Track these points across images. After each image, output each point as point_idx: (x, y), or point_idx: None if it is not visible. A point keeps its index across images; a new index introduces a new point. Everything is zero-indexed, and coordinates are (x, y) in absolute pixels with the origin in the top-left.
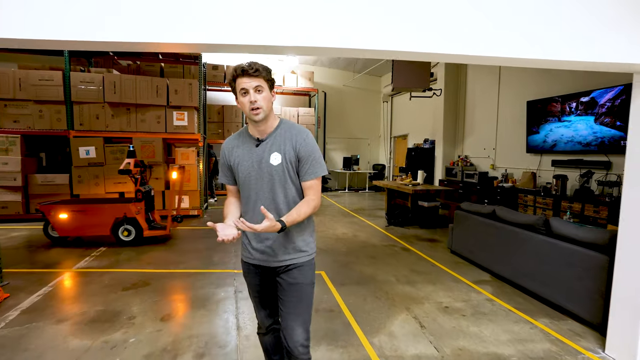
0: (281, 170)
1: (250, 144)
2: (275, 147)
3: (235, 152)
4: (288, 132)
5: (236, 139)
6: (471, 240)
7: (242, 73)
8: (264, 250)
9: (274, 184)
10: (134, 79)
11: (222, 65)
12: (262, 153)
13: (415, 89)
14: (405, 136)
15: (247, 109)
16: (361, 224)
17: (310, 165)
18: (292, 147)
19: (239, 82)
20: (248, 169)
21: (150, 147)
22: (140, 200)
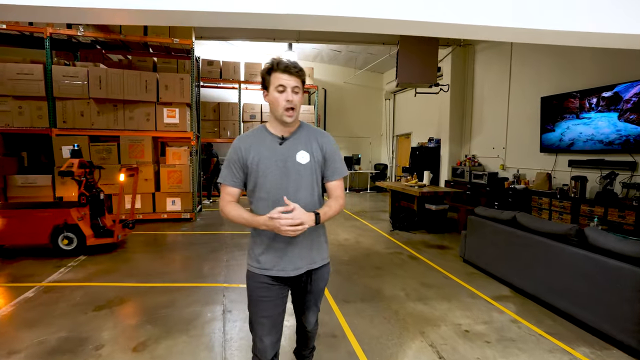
0: (309, 169)
1: (272, 142)
2: (301, 145)
3: (254, 150)
4: (312, 132)
5: (252, 137)
6: (487, 250)
7: (284, 69)
8: (288, 258)
9: (301, 183)
10: (121, 73)
11: (217, 61)
12: (287, 151)
13: (421, 85)
14: (409, 135)
15: (281, 107)
16: (364, 228)
17: (336, 166)
18: (319, 146)
19: (277, 76)
20: (271, 168)
21: (139, 147)
22: (85, 205)
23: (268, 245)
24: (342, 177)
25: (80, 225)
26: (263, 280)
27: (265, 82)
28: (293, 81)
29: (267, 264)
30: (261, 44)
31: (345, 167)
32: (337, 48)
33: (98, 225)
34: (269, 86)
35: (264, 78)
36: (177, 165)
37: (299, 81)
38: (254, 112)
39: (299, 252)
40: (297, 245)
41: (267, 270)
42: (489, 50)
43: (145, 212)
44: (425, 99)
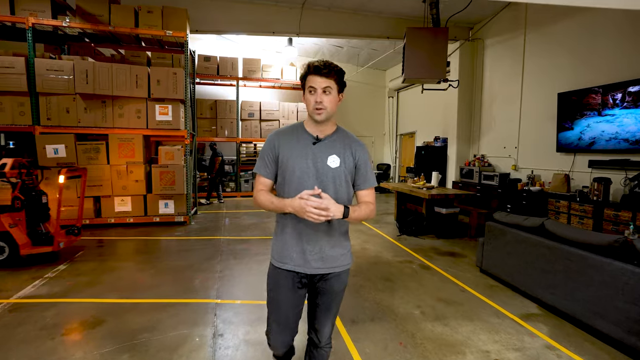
0: (338, 173)
1: (306, 141)
2: (334, 150)
3: (287, 146)
4: (347, 139)
5: (289, 132)
6: (510, 260)
7: (314, 71)
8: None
9: (327, 186)
10: (109, 67)
11: (214, 57)
12: (319, 152)
13: (429, 80)
14: (413, 134)
15: (311, 107)
16: (369, 232)
17: (368, 175)
18: (351, 154)
19: (309, 79)
20: (301, 166)
21: (129, 146)
22: (20, 210)
23: (290, 240)
24: (372, 186)
25: (13, 232)
26: (277, 275)
27: (302, 86)
28: (323, 82)
29: (286, 259)
30: (260, 40)
31: (375, 178)
32: (339, 43)
33: (40, 233)
34: (304, 89)
35: (302, 82)
36: (169, 166)
37: (331, 81)
38: (252, 110)
39: (319, 251)
40: (318, 245)
41: (285, 265)
42: (500, 45)
43: (137, 215)
44: (431, 97)
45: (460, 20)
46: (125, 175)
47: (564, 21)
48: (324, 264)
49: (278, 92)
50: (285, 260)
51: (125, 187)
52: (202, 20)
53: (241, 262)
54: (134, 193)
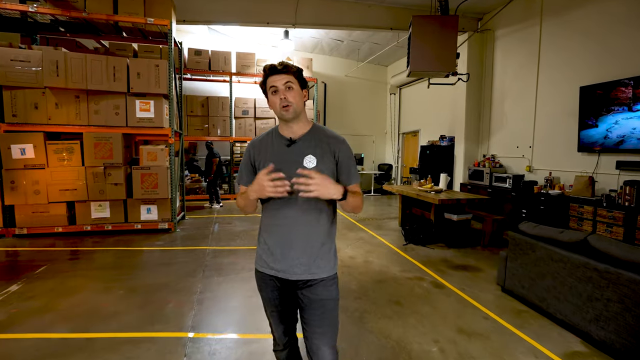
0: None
1: (280, 144)
2: (310, 149)
3: (263, 152)
4: (323, 136)
5: (264, 139)
6: (543, 282)
7: (271, 72)
8: (287, 261)
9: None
10: (83, 57)
11: (206, 50)
12: (295, 155)
13: (437, 74)
14: (416, 133)
15: (278, 107)
16: (372, 241)
17: (351, 171)
18: (330, 151)
19: (270, 81)
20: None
21: (106, 145)
22: None
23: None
24: (357, 182)
25: None
26: (261, 279)
27: (264, 92)
28: (282, 78)
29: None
30: (254, 33)
31: (357, 173)
32: (339, 37)
33: None
34: (267, 94)
35: (262, 89)
36: (152, 167)
37: (289, 76)
38: (246, 107)
39: (299, 256)
40: (297, 249)
41: (264, 268)
42: (512, 36)
43: (116, 222)
44: (437, 93)
45: (468, 10)
46: (102, 178)
47: (586, 6)
48: (307, 269)
49: None
50: (266, 264)
51: (103, 191)
52: (190, 9)
53: (226, 279)
54: (112, 197)
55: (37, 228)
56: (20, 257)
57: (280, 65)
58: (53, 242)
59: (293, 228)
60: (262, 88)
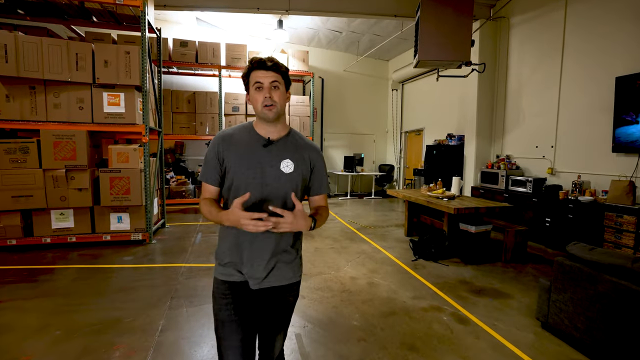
0: (291, 179)
1: (257, 143)
2: (287, 153)
3: (233, 149)
4: (301, 143)
5: (236, 133)
6: (613, 325)
7: (259, 66)
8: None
9: (278, 192)
10: (38, 41)
11: (192, 42)
12: (271, 156)
13: (449, 63)
14: (420, 131)
15: (260, 105)
16: (376, 256)
17: (323, 181)
18: (307, 159)
19: (254, 75)
20: (250, 170)
21: (68, 145)
22: None
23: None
24: (325, 192)
25: None
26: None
27: (246, 85)
28: (270, 76)
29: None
30: (246, 24)
31: (327, 184)
32: (337, 28)
33: None
34: (249, 87)
35: (244, 81)
36: (123, 170)
37: (277, 75)
38: (237, 104)
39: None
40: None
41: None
42: (530, 22)
43: (81, 232)
44: (443, 88)
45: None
46: (64, 182)
47: None
48: (270, 276)
49: None
50: (226, 272)
51: (65, 197)
52: None
53: (198, 310)
54: (76, 205)
55: None
56: None
57: (269, 62)
58: (3, 257)
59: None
60: (244, 81)
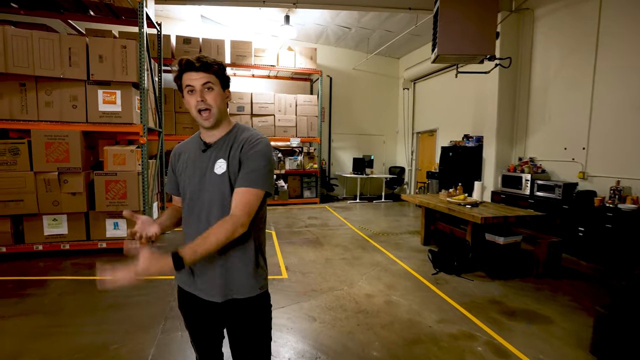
0: (225, 180)
1: (197, 150)
2: (222, 152)
3: (182, 159)
4: (240, 135)
5: (186, 144)
6: None
7: (187, 67)
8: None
9: (214, 198)
10: (29, 35)
11: (196, 38)
12: (207, 160)
13: (471, 58)
14: (433, 132)
15: (194, 111)
16: (392, 268)
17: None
18: (240, 149)
19: (185, 78)
20: (191, 178)
21: (61, 146)
22: None
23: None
24: (250, 187)
25: None
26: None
27: (179, 88)
28: (201, 78)
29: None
30: (251, 21)
31: (261, 179)
32: (347, 24)
33: None
34: (182, 91)
35: (177, 84)
36: (119, 173)
37: (211, 75)
38: (242, 103)
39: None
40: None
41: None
42: (558, 13)
43: (75, 240)
44: (459, 86)
45: None
46: (56, 185)
47: None
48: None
49: (273, 82)
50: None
51: (58, 202)
52: None
53: None
54: (70, 210)
55: None
56: None
57: (197, 62)
58: None
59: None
60: (177, 83)
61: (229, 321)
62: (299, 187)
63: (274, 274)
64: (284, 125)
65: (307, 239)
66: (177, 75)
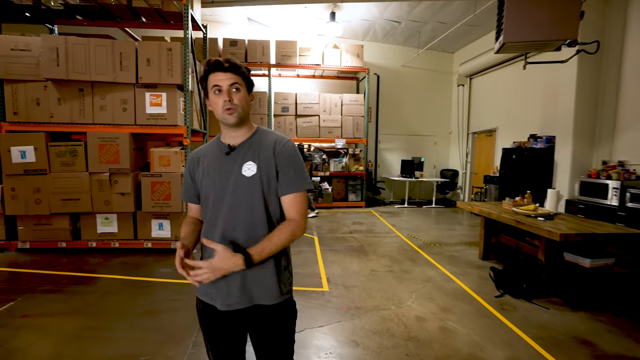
0: (255, 183)
1: (220, 153)
2: (249, 155)
3: (203, 164)
4: (265, 138)
5: (206, 148)
6: None
7: (215, 67)
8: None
9: (241, 201)
10: (85, 42)
11: (242, 40)
12: (233, 163)
13: (545, 45)
14: (492, 132)
15: (220, 110)
16: (447, 286)
17: (289, 175)
18: (272, 153)
19: (212, 78)
20: (214, 184)
21: (112, 148)
22: None
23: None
24: (298, 190)
25: None
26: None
27: (204, 89)
28: (230, 78)
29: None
30: (296, 21)
31: (305, 180)
32: (396, 17)
33: None
34: (207, 92)
35: (202, 85)
36: (164, 174)
37: (238, 77)
38: (286, 104)
39: (227, 283)
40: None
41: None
42: None
43: (124, 238)
44: (523, 79)
45: None
46: (108, 186)
47: None
48: (246, 296)
49: (318, 83)
50: (204, 291)
51: (109, 201)
52: None
53: None
54: (120, 210)
55: (40, 242)
56: None
57: (226, 63)
58: (52, 260)
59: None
60: (202, 85)
61: (252, 328)
62: (343, 190)
63: (314, 286)
64: (328, 126)
65: (351, 246)
66: (203, 76)
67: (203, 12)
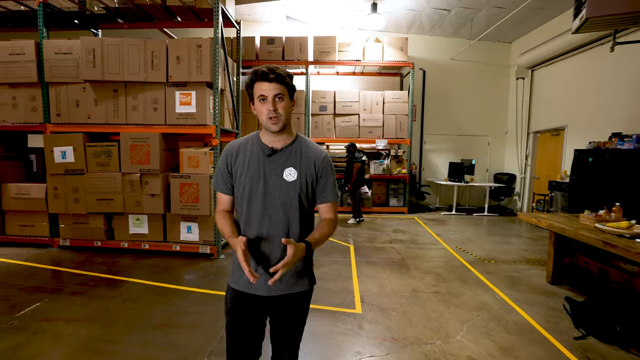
0: (294, 188)
1: (261, 153)
2: (290, 161)
3: (241, 159)
4: (306, 148)
5: (244, 144)
6: None
7: (262, 77)
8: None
9: (281, 201)
10: (120, 42)
11: (279, 38)
12: (275, 166)
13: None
14: (559, 130)
15: (265, 118)
16: (507, 318)
17: (328, 187)
18: (313, 165)
19: (257, 87)
20: (254, 180)
21: (143, 148)
22: None
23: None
24: (334, 200)
25: None
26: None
27: (250, 95)
28: (275, 89)
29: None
30: (336, 16)
31: (335, 191)
32: (445, 5)
33: None
34: (253, 99)
35: (248, 91)
36: (192, 176)
37: (282, 87)
38: (324, 102)
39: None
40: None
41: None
42: None
43: (154, 240)
44: (600, 68)
45: None
46: (139, 187)
47: None
48: (279, 285)
49: (359, 80)
50: (240, 281)
51: (140, 202)
52: None
53: None
54: (150, 211)
55: (78, 240)
56: (31, 281)
57: (272, 74)
58: (87, 258)
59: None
60: (248, 92)
61: (276, 313)
62: (384, 194)
63: (345, 305)
64: (369, 126)
65: (390, 259)
66: (249, 84)
67: (242, 12)
